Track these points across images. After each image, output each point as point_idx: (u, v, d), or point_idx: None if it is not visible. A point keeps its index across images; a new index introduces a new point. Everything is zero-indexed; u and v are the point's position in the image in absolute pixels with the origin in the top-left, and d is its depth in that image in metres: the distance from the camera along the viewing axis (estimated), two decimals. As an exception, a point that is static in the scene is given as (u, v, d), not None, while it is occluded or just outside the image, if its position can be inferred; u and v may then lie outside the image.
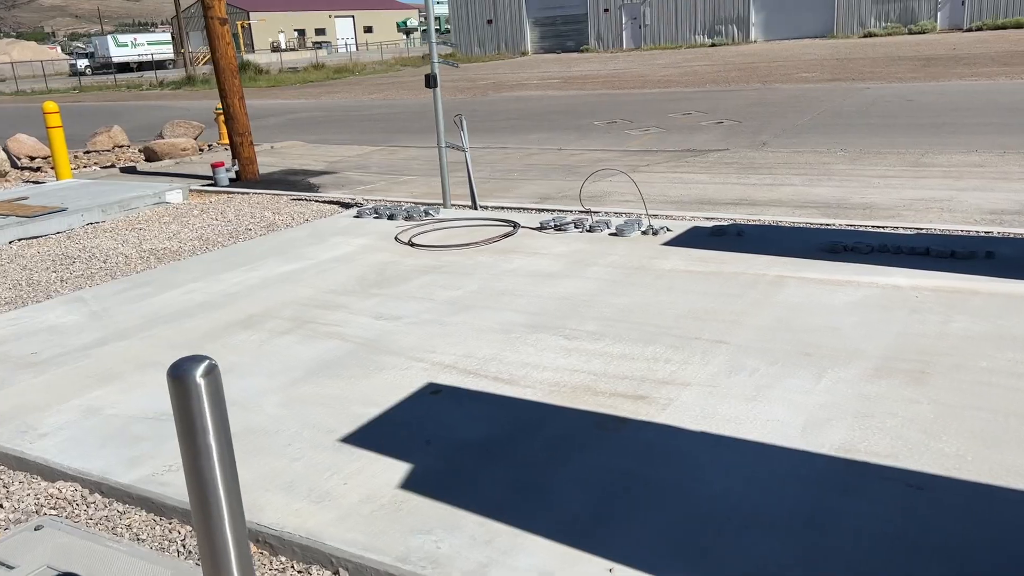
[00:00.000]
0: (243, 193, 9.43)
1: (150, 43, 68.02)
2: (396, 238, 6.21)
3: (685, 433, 2.90)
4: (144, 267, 6.20)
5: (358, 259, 5.68)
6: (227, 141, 14.82)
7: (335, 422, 3.22)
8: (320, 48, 68.15)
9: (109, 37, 65.27)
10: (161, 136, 13.99)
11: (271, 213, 8.06)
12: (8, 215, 7.74)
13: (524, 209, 7.40)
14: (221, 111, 14.84)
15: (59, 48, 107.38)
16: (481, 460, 2.85)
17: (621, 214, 6.64)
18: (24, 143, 13.99)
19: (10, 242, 7.33)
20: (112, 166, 12.70)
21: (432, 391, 3.45)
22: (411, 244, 5.98)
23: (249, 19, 73.36)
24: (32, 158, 13.80)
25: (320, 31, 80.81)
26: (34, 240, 7.41)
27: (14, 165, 13.08)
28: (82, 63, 66.10)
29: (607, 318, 4.15)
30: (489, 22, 45.71)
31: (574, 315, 4.23)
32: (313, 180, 10.54)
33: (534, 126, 15.05)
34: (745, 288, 4.43)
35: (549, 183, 8.98)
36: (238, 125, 10.54)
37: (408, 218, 6.80)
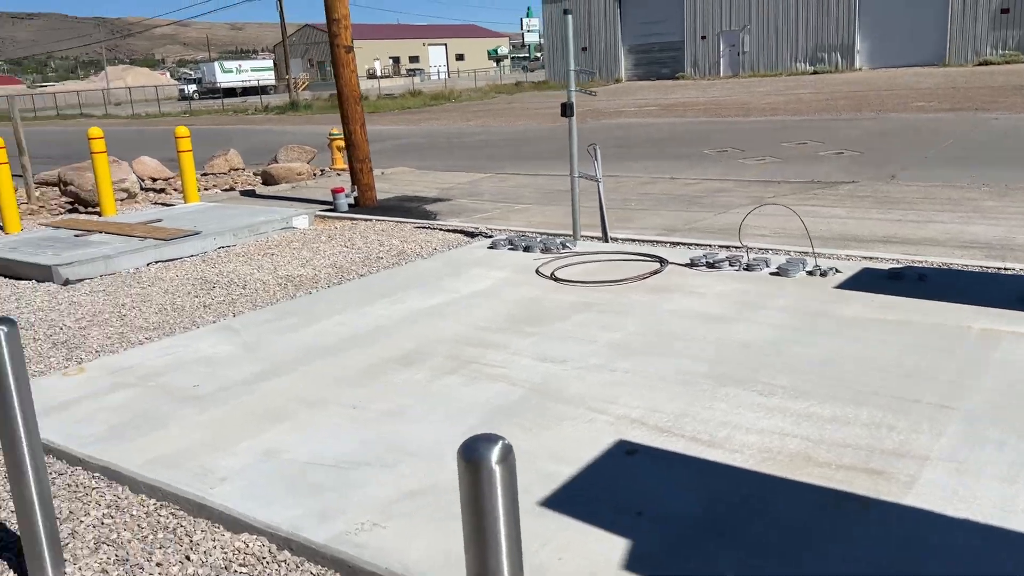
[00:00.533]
0: (365, 219, 9.42)
1: (253, 69, 70.96)
2: (537, 271, 5.99)
3: (945, 521, 2.52)
4: (283, 294, 6.16)
5: (502, 294, 5.46)
6: (339, 166, 15.03)
7: (527, 479, 2.96)
8: (413, 75, 69.67)
9: (216, 64, 68.37)
10: (276, 160, 14.28)
11: (399, 241, 7.98)
12: (146, 237, 7.89)
13: (656, 242, 7.08)
14: (335, 136, 15.10)
15: (168, 74, 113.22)
16: (706, 541, 2.54)
17: (778, 251, 6.24)
18: (147, 165, 14.51)
19: (148, 264, 7.45)
20: (232, 189, 13.00)
21: (627, 451, 3.15)
22: (554, 279, 5.74)
23: (347, 47, 75.52)
24: (154, 179, 14.30)
25: (414, 59, 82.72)
26: (170, 263, 7.51)
27: (139, 187, 13.54)
28: (190, 88, 69.48)
29: (800, 371, 3.78)
30: (584, 49, 45.74)
31: (761, 366, 3.88)
32: (429, 207, 10.47)
33: (640, 154, 14.72)
34: (951, 343, 3.99)
35: (672, 214, 8.64)
36: (359, 152, 10.59)
37: (545, 250, 6.57)
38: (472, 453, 1.47)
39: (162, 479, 3.14)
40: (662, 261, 5.97)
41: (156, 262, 7.50)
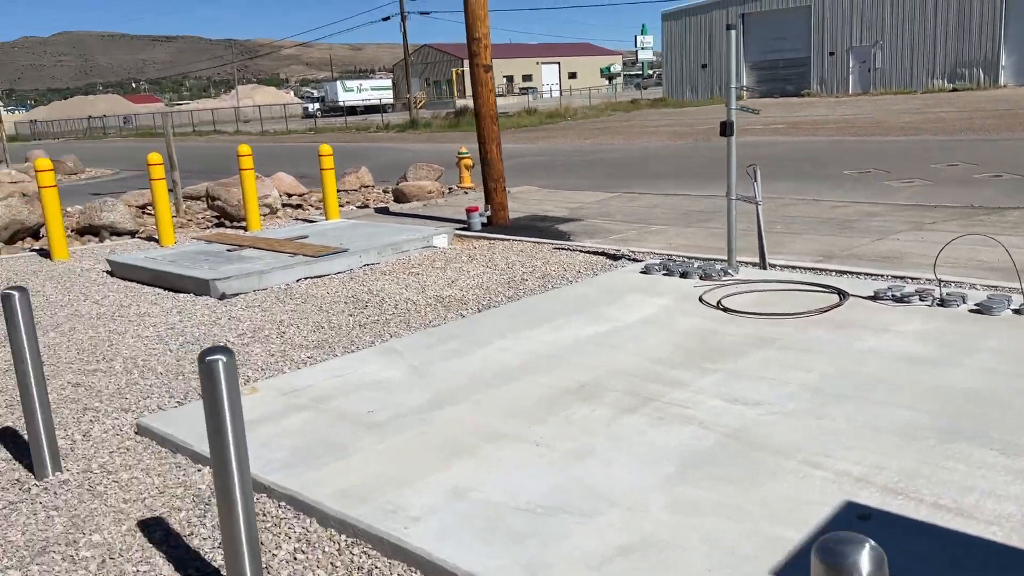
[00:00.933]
0: (502, 240, 9.31)
1: (373, 88, 73.35)
2: (700, 299, 5.66)
3: None
4: (434, 315, 6.07)
5: (668, 323, 5.17)
6: (467, 184, 15.10)
7: (749, 545, 2.66)
8: (525, 94, 70.28)
9: (338, 83, 71.07)
10: (405, 178, 14.46)
11: (540, 263, 7.81)
12: (295, 254, 8.03)
13: (820, 270, 6.60)
14: (464, 155, 15.19)
15: (292, 93, 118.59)
16: (989, 632, 2.17)
17: (966, 284, 5.67)
18: (284, 181, 14.99)
19: (298, 280, 7.55)
20: (365, 206, 13.23)
21: (858, 514, 2.81)
22: (723, 309, 5.40)
23: (463, 66, 77.16)
24: (289, 195, 14.75)
25: (527, 77, 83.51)
26: (319, 280, 7.59)
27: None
28: (313, 107, 72.43)
29: (1042, 429, 3.32)
30: (703, 66, 44.87)
31: (991, 420, 3.44)
32: (561, 227, 10.29)
33: (775, 174, 14.11)
34: None
35: (825, 239, 8.11)
36: (493, 171, 10.53)
37: (705, 277, 6.24)
38: (837, 558, 1.20)
39: (353, 514, 3.02)
40: (842, 293, 5.53)
41: (305, 278, 7.60)
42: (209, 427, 2.44)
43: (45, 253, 9.76)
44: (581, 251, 8.35)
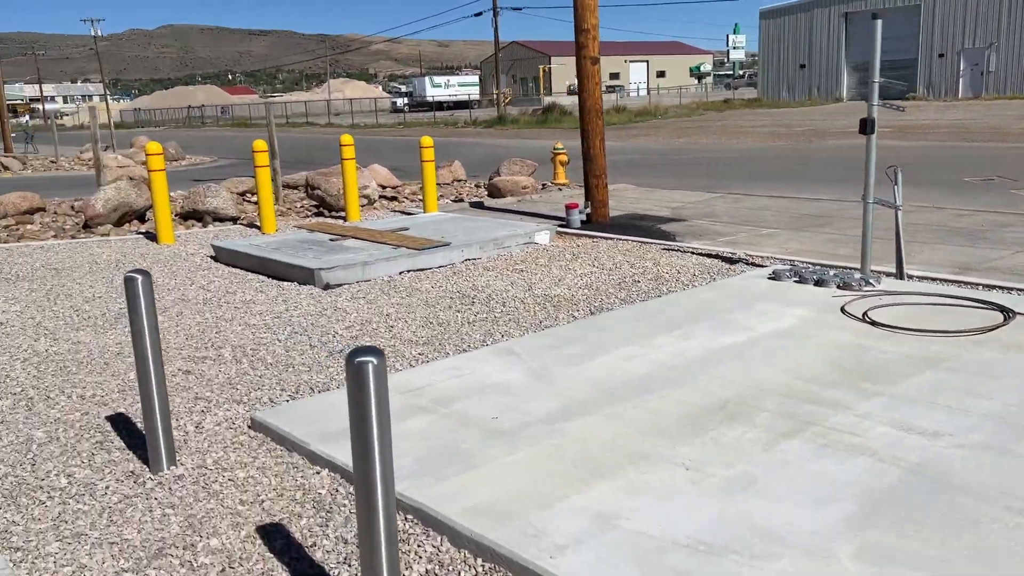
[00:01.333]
0: (605, 238, 8.92)
1: (461, 84, 73.76)
2: (843, 311, 5.17)
3: None
4: (544, 315, 5.75)
5: (812, 336, 4.71)
6: (560, 181, 14.77)
7: (967, 608, 2.24)
8: (613, 92, 69.43)
9: (426, 78, 71.71)
10: (499, 173, 14.21)
11: (651, 264, 7.40)
12: (399, 246, 7.84)
13: (962, 283, 5.99)
14: (559, 151, 14.85)
15: (380, 88, 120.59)
16: None
17: None
18: (379, 173, 14.94)
19: (400, 273, 7.36)
20: (460, 200, 13.04)
21: (1100, 580, 2.34)
22: (871, 322, 4.89)
23: (550, 63, 76.92)
24: (384, 187, 14.69)
25: (614, 75, 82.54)
26: (421, 273, 7.38)
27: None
28: (401, 101, 73.35)
29: None
30: (802, 66, 43.30)
31: None
32: (664, 227, 9.85)
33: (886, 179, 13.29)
34: None
35: (957, 249, 7.44)
36: (595, 167, 10.15)
37: (844, 286, 5.72)
38: None
39: (491, 537, 2.71)
40: (1006, 311, 4.95)
41: (408, 271, 7.40)
42: (354, 436, 2.17)
43: (151, 236, 9.88)
44: (694, 253, 7.91)
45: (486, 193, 13.51)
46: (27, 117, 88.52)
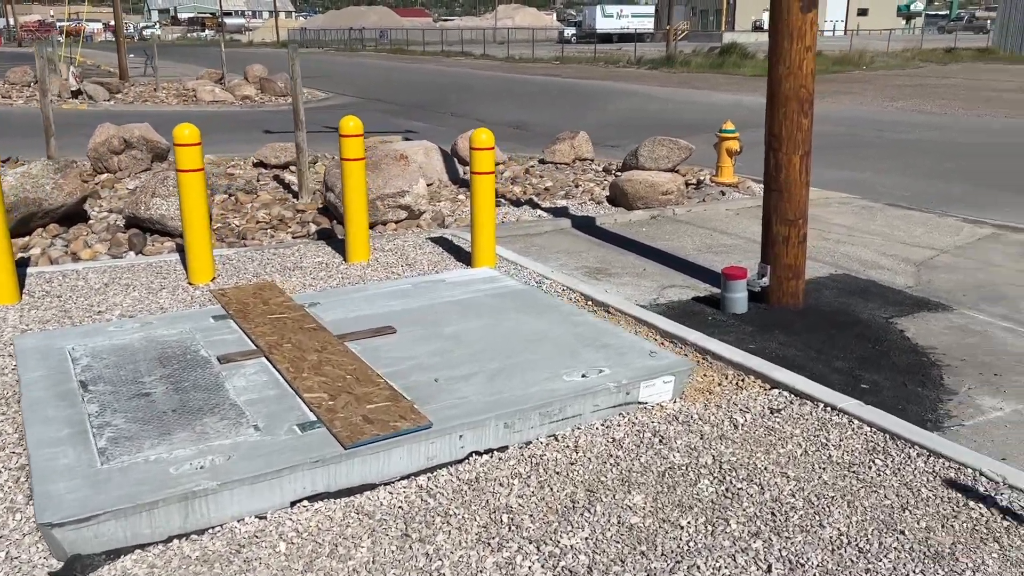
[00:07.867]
0: (797, 370, 4.37)
1: (634, 15, 67.24)
2: None
3: None
4: None
5: None
6: (726, 179, 10.01)
7: None
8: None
9: (598, 7, 65.74)
10: (636, 157, 9.66)
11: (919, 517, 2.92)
12: (321, 410, 3.73)
13: None
14: (727, 135, 10.04)
15: (555, 15, 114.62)
16: None
17: None
18: (433, 163, 10.78)
19: (293, 504, 3.36)
20: (559, 211, 8.69)
21: None
22: None
23: (737, -7, 68.44)
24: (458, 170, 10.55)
25: (811, 10, 72.57)
26: (351, 503, 3.28)
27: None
28: (568, 32, 67.95)
29: None
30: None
31: None
32: (910, 329, 5.24)
33: None
34: None
35: None
36: (789, 204, 5.53)
37: None
38: None
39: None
40: None
41: (315, 497, 3.35)
42: None
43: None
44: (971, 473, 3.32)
45: (607, 195, 9.11)
46: (211, 31, 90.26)
